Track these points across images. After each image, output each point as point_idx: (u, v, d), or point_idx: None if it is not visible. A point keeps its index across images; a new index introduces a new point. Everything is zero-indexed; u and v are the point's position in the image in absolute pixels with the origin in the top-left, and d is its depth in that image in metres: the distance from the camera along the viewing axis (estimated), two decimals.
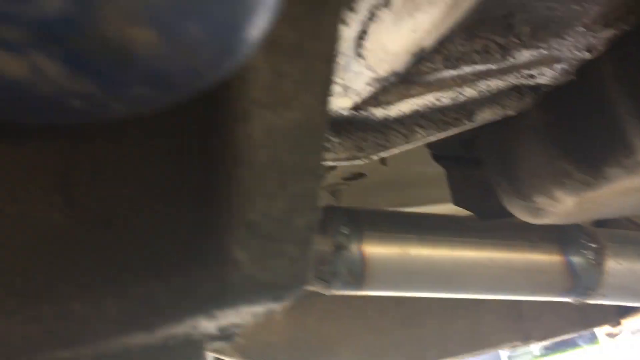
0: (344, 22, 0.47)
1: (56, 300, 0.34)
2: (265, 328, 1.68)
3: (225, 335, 0.48)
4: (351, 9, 0.47)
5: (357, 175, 1.79)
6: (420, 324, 1.88)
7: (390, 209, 1.54)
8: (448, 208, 1.52)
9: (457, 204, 1.36)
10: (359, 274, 1.23)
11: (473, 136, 1.24)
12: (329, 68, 0.38)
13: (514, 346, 2.02)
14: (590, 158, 0.94)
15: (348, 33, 0.49)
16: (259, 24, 0.28)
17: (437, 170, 1.56)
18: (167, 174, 0.36)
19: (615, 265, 1.38)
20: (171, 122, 0.37)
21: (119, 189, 0.36)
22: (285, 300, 0.37)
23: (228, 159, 0.35)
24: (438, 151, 1.35)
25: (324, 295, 1.81)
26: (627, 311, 2.18)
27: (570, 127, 0.96)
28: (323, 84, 0.38)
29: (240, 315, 0.39)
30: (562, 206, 1.05)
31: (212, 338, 0.47)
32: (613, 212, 1.23)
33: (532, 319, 2.01)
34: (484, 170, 1.22)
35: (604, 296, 1.41)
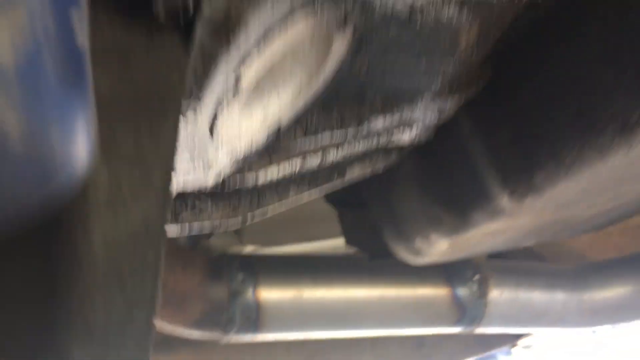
0: (193, 111, 0.51)
1: None
2: None
3: None
4: (199, 100, 0.51)
5: None
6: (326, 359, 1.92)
7: (287, 249, 1.59)
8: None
9: (349, 243, 1.42)
10: (255, 319, 1.26)
11: (359, 179, 1.31)
12: (167, 173, 0.42)
13: None
14: (457, 204, 1.03)
15: (199, 120, 0.53)
16: (73, 177, 0.31)
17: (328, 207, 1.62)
18: (15, 281, 0.39)
19: (498, 295, 1.48)
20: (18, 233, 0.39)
21: None
22: None
23: (70, 266, 0.38)
24: (329, 194, 1.41)
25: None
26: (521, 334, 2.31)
27: (439, 175, 1.05)
28: (161, 187, 0.42)
29: None
30: (438, 247, 1.13)
31: None
32: (485, 249, 1.33)
33: (433, 347, 2.09)
34: (370, 211, 1.29)
35: (489, 325, 1.51)
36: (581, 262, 1.68)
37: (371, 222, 1.37)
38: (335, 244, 1.80)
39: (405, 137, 0.85)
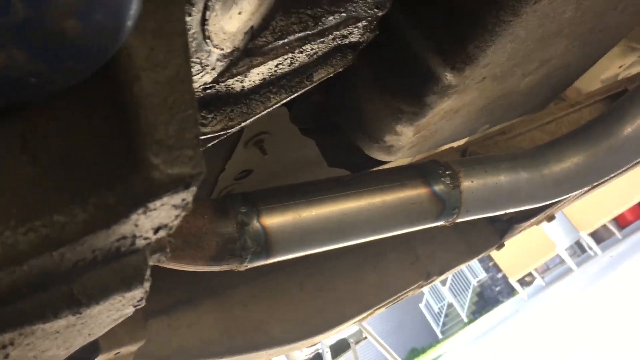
0: (187, 13, 0.68)
1: (40, 213, 0.52)
2: (198, 327, 1.84)
3: (160, 243, 0.67)
4: (190, 3, 0.67)
5: (246, 173, 1.99)
6: (335, 287, 2.10)
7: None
8: None
9: (331, 165, 1.59)
10: (265, 243, 1.43)
11: (327, 105, 1.49)
12: (184, 39, 0.59)
13: (420, 286, 2.29)
14: (412, 92, 1.20)
15: (193, 20, 0.69)
16: (135, 11, 0.48)
17: (313, 151, 1.80)
18: (96, 125, 0.55)
19: (469, 184, 1.66)
20: (89, 93, 0.56)
21: (65, 144, 0.55)
22: (192, 187, 0.57)
23: (133, 106, 0.55)
24: (304, 126, 1.58)
25: (244, 284, 2.00)
26: (505, 232, 2.52)
27: (391, 73, 1.22)
28: (183, 49, 0.58)
29: (165, 211, 0.58)
30: (406, 138, 1.31)
31: (151, 247, 0.66)
32: (450, 136, 1.51)
33: (427, 259, 2.29)
34: (343, 130, 1.46)
35: (468, 212, 1.69)
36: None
37: (346, 141, 1.55)
38: None
39: (355, 35, 1.02)
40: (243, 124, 0.98)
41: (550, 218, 2.68)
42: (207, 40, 0.74)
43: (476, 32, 1.05)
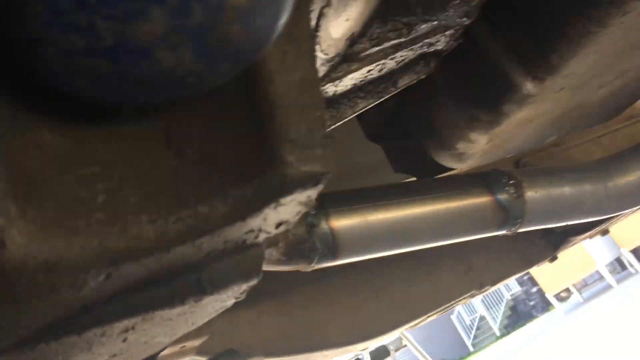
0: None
1: (188, 206, 0.55)
2: (258, 326, 1.88)
3: (275, 238, 0.70)
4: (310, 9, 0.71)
5: None
6: (390, 293, 2.12)
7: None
8: None
9: (397, 171, 1.61)
10: (333, 245, 1.46)
11: (398, 111, 1.51)
12: (311, 44, 0.62)
13: (472, 295, 2.29)
14: (490, 101, 1.22)
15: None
16: (286, 16, 0.51)
17: (373, 157, 1.82)
18: (233, 122, 0.59)
19: (533, 195, 1.66)
20: (226, 92, 0.60)
21: (206, 139, 0.58)
22: (320, 184, 0.60)
23: (268, 106, 0.58)
24: (371, 131, 1.61)
25: (302, 286, 2.03)
26: (559, 245, 2.50)
27: (470, 81, 1.24)
28: (310, 53, 0.62)
29: (292, 207, 0.62)
30: (478, 146, 1.33)
31: (268, 242, 0.69)
32: (519, 146, 1.52)
33: (481, 268, 2.29)
34: (413, 136, 1.48)
35: (531, 222, 1.69)
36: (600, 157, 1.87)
37: (413, 147, 1.57)
38: None
39: (441, 43, 1.05)
40: (332, 127, 1.01)
41: (604, 232, 2.65)
42: (316, 46, 0.77)
43: (561, 43, 1.07)
